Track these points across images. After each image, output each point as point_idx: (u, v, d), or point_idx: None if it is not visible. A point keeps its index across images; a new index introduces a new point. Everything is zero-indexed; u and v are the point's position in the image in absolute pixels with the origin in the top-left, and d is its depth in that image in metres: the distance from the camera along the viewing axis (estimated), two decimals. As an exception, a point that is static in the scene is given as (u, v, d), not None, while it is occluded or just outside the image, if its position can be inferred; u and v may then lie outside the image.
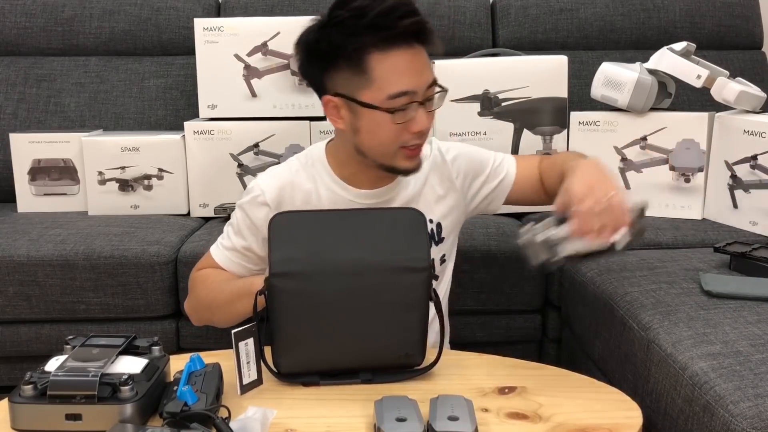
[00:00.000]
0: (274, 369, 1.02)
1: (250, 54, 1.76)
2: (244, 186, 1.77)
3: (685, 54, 1.73)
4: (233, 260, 1.19)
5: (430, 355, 1.04)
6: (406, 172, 1.14)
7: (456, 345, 1.28)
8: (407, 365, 1.03)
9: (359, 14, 1.04)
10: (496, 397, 0.97)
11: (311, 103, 1.78)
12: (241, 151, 1.75)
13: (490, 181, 1.26)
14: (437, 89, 1.10)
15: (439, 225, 1.23)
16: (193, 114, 1.90)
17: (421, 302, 1.00)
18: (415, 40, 1.06)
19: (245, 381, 0.98)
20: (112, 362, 0.91)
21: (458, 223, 1.28)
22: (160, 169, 1.77)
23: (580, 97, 1.96)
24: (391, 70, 1.05)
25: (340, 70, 1.07)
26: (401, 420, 0.85)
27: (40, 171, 1.82)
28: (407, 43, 1.05)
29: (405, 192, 1.20)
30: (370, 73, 1.05)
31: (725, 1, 2.18)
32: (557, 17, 2.15)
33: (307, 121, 1.75)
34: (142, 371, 0.91)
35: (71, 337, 0.99)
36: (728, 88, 1.64)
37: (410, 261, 0.98)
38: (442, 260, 1.26)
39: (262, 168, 1.76)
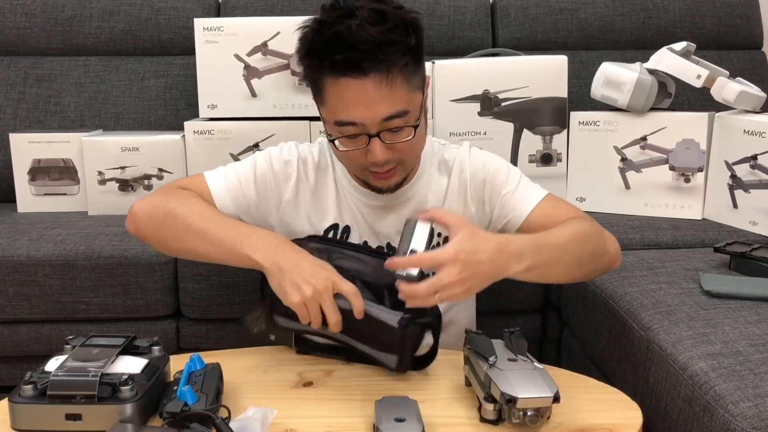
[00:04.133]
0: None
1: (250, 54, 1.76)
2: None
3: (685, 54, 1.73)
4: (225, 197, 1.14)
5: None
6: (379, 191, 1.12)
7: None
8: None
9: (317, 32, 0.99)
10: (496, 397, 0.97)
11: (311, 103, 1.74)
12: (241, 151, 1.75)
13: (502, 214, 1.17)
14: (403, 123, 1.02)
15: (447, 239, 1.20)
16: (193, 114, 1.90)
17: None
18: (374, 71, 0.97)
19: None
20: (112, 362, 0.91)
21: None
22: (160, 169, 1.77)
23: (580, 97, 1.96)
24: (339, 97, 1.00)
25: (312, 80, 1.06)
26: (400, 420, 0.85)
27: (40, 171, 1.82)
28: (360, 72, 0.97)
29: (420, 194, 1.17)
30: (324, 94, 1.03)
31: (725, 1, 2.18)
32: (557, 17, 2.15)
33: (307, 121, 1.75)
34: (142, 371, 0.91)
35: (71, 337, 0.99)
36: (728, 88, 1.64)
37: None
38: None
39: (262, 168, 1.76)
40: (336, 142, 1.05)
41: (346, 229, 1.18)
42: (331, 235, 1.18)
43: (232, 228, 1.03)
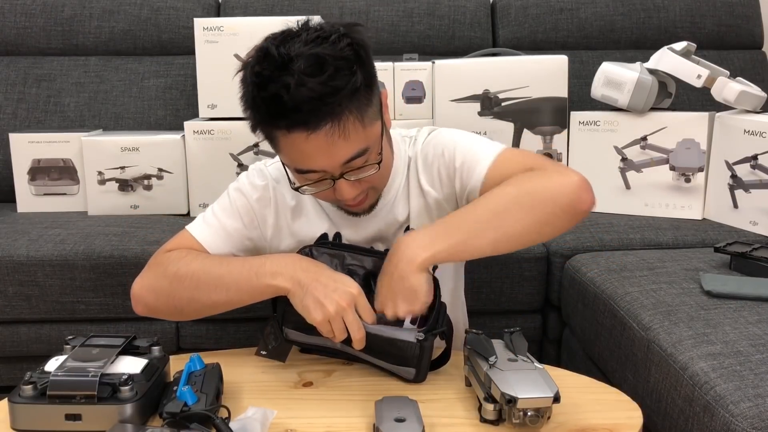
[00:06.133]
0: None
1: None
2: (244, 186, 1.76)
3: (685, 54, 1.73)
4: (217, 241, 1.10)
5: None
6: (356, 215, 1.10)
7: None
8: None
9: (257, 87, 0.93)
10: (496, 397, 0.97)
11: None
12: (241, 151, 1.75)
13: (462, 184, 1.11)
14: (364, 161, 0.98)
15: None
16: (193, 114, 1.90)
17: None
18: (323, 123, 0.92)
19: None
20: (112, 362, 0.91)
21: None
22: (160, 169, 1.77)
23: (581, 96, 1.96)
24: (293, 149, 0.96)
25: None
26: (400, 420, 0.85)
27: (39, 171, 1.82)
28: (309, 127, 0.92)
29: (389, 198, 1.14)
30: (277, 144, 0.98)
31: (725, 1, 2.18)
32: (557, 17, 2.15)
33: (307, 121, 1.75)
34: (142, 371, 0.91)
35: (71, 337, 0.99)
36: (728, 87, 1.64)
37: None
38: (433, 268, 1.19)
39: (262, 168, 1.76)
40: (301, 188, 1.02)
41: (337, 236, 1.15)
42: None
43: (242, 265, 1.02)
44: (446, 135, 1.14)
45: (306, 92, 0.90)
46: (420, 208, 1.14)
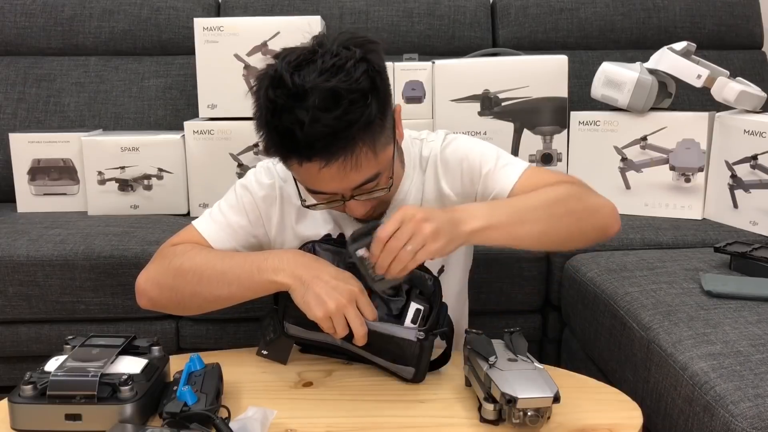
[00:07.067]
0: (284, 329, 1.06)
1: (250, 54, 1.76)
2: (244, 186, 1.76)
3: (685, 54, 1.73)
4: (222, 237, 1.11)
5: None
6: (364, 221, 1.10)
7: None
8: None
9: (270, 113, 0.93)
10: (496, 397, 0.97)
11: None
12: (241, 151, 1.75)
13: (486, 192, 1.13)
14: (374, 186, 0.99)
15: None
16: (193, 114, 1.90)
17: None
18: (336, 156, 0.92)
19: None
20: (112, 362, 0.91)
21: None
22: (160, 169, 1.77)
23: (581, 96, 1.96)
24: (305, 173, 0.96)
25: None
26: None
27: (39, 171, 1.82)
28: (322, 159, 0.92)
29: (400, 198, 1.14)
30: (290, 167, 0.99)
31: (725, 1, 2.18)
32: (557, 17, 2.15)
33: (307, 121, 1.75)
34: (142, 371, 0.91)
35: (71, 337, 0.99)
36: (728, 87, 1.64)
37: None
38: (440, 272, 1.19)
39: (262, 168, 1.76)
40: (312, 206, 1.03)
41: (341, 236, 1.14)
42: None
43: (244, 260, 1.02)
44: (469, 141, 1.16)
45: (320, 128, 0.89)
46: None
